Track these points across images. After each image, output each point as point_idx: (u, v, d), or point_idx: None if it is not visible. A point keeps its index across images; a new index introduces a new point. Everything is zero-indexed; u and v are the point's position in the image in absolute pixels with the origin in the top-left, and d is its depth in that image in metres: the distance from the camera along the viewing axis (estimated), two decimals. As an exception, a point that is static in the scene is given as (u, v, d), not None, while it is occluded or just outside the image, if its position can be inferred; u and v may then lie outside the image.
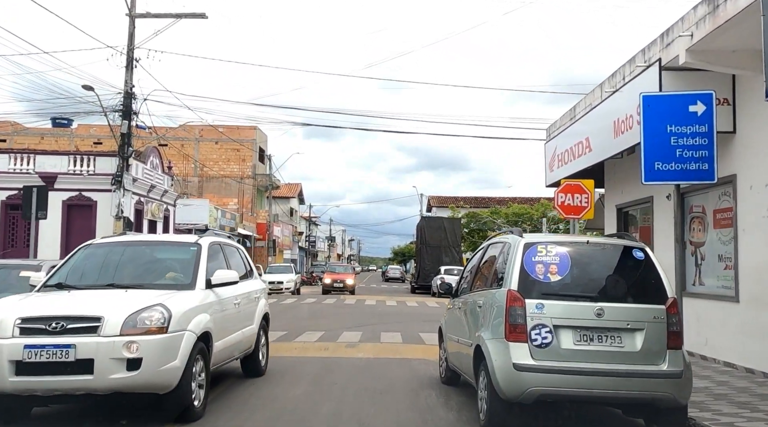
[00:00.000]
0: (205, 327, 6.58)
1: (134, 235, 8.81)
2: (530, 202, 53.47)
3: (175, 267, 7.31)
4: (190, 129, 47.09)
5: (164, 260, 7.57)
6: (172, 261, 7.47)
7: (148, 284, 6.85)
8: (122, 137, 21.64)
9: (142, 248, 7.77)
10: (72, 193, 22.27)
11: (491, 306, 6.25)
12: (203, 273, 7.05)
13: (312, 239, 77.82)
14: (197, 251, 7.29)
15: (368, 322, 18.58)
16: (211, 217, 31.28)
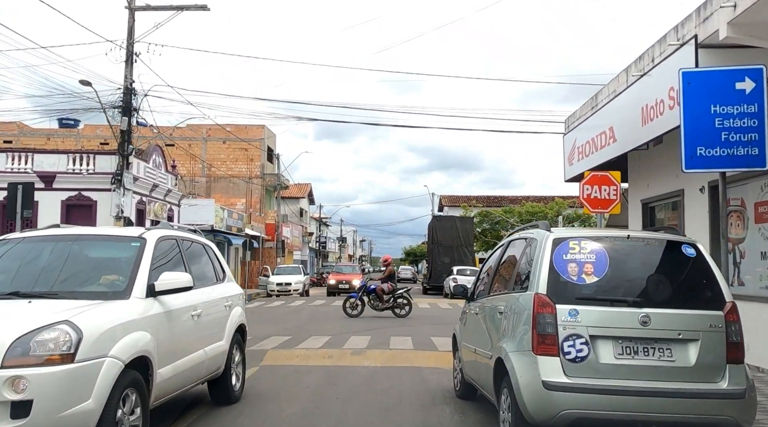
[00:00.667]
0: (141, 350, 4.92)
1: (65, 228, 6.66)
2: (544, 201, 52.37)
3: (109, 269, 5.66)
4: (197, 129, 46.46)
5: (97, 260, 5.88)
6: (107, 261, 5.82)
7: (65, 292, 5.15)
8: (122, 134, 20.90)
9: (69, 244, 5.90)
10: (71, 192, 21.56)
11: (515, 313, 5.35)
12: (144, 277, 5.38)
13: (322, 240, 77.04)
14: (139, 249, 5.63)
15: (378, 325, 17.70)
16: (217, 217, 30.51)
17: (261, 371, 9.62)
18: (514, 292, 5.57)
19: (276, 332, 15.70)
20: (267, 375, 9.27)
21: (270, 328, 16.82)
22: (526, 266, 5.56)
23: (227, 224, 32.57)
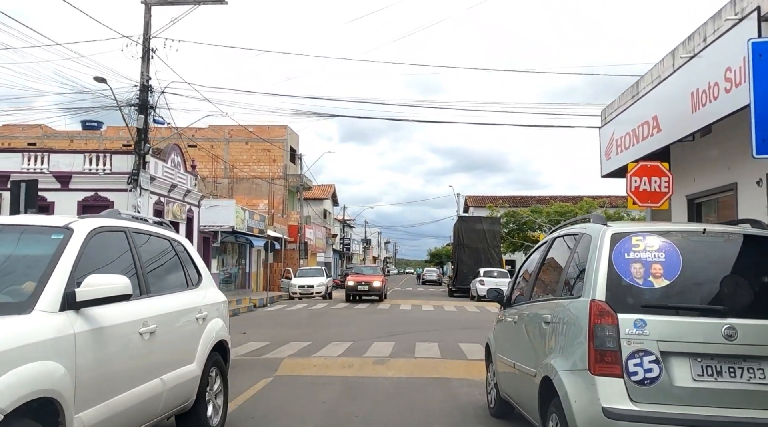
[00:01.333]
0: (41, 390, 3.36)
1: None
2: (572, 201, 51.06)
3: (17, 271, 4.03)
4: (220, 130, 46.07)
5: (8, 257, 4.13)
6: (17, 260, 4.14)
7: None
8: (138, 133, 20.31)
9: None
10: (88, 193, 21.04)
11: (565, 323, 4.47)
12: (58, 282, 3.82)
13: (346, 242, 76.35)
14: (61, 243, 4.10)
15: (402, 330, 16.85)
16: (238, 218, 29.90)
17: (274, 382, 8.82)
18: (563, 298, 4.68)
19: (295, 337, 14.93)
20: (280, 387, 8.47)
21: (289, 332, 16.06)
22: (576, 267, 4.68)
23: (248, 226, 31.96)
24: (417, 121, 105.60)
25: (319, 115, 20.87)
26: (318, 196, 63.55)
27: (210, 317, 5.78)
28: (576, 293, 4.46)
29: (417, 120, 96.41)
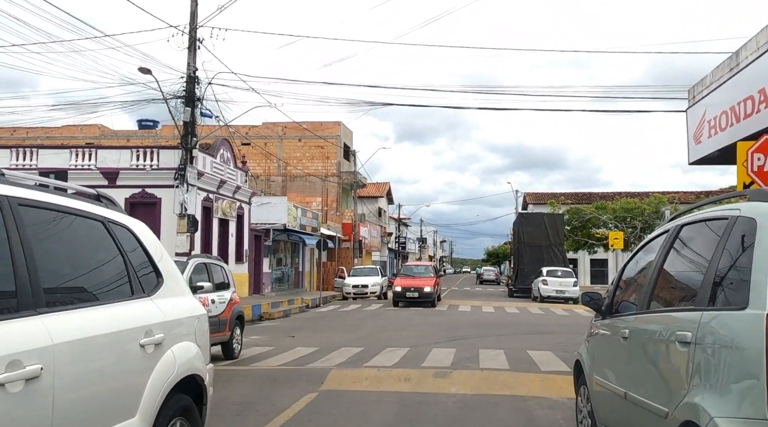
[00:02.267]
0: None
1: None
2: (639, 197, 48.43)
3: None
4: (273, 127, 45.53)
5: None
6: None
7: None
8: (185, 126, 19.53)
9: None
10: (135, 189, 20.42)
11: (719, 346, 3.07)
12: None
13: (402, 241, 75.14)
14: None
15: (463, 334, 15.48)
16: (290, 216, 29.02)
17: (319, 399, 7.62)
18: (710, 309, 3.28)
19: (347, 342, 13.77)
20: (325, 406, 7.26)
21: (341, 337, 14.91)
22: (730, 265, 3.27)
23: (301, 224, 31.08)
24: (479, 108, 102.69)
25: (372, 103, 19.66)
26: (373, 194, 62.55)
27: (171, 341, 3.83)
28: (734, 303, 3.06)
29: (479, 107, 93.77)
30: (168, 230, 19.78)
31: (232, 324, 10.90)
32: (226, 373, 9.50)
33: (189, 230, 19.63)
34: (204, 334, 4.48)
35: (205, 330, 4.51)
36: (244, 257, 25.22)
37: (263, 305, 20.85)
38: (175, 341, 3.92)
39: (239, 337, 11.39)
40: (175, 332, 3.95)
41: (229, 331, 10.85)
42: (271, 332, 15.71)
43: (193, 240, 20.31)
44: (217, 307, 10.35)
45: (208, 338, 4.59)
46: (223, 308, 10.61)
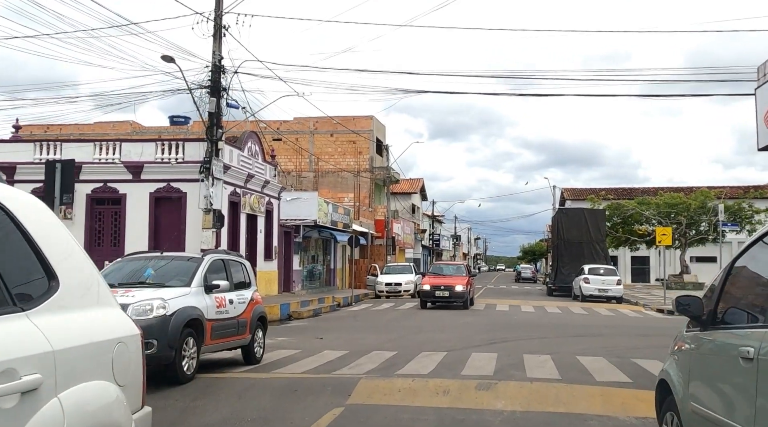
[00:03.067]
0: None
1: None
2: (684, 192, 46.46)
3: None
4: (305, 122, 44.79)
5: None
6: None
7: None
8: (210, 117, 18.75)
9: None
10: (160, 184, 19.71)
11: None
12: None
13: (436, 238, 73.95)
14: None
15: (503, 336, 14.36)
16: (321, 211, 28.15)
17: (345, 415, 6.62)
18: None
19: (378, 345, 12.78)
20: (352, 424, 6.26)
21: (372, 338, 13.92)
22: None
23: (332, 220, 30.19)
24: (519, 94, 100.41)
25: (405, 91, 18.66)
26: (406, 191, 61.48)
27: (61, 383, 2.49)
28: None
29: (519, 94, 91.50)
30: (193, 225, 19.04)
31: (252, 326, 9.99)
32: (244, 382, 8.57)
33: (215, 225, 18.86)
34: (133, 365, 3.09)
35: (133, 360, 3.10)
36: (273, 254, 24.42)
37: (292, 304, 19.98)
38: (70, 383, 2.55)
39: (261, 340, 10.47)
40: (71, 368, 2.58)
41: (250, 334, 9.94)
42: (298, 332, 14.80)
43: (219, 236, 19.53)
44: (235, 307, 9.44)
45: (141, 370, 3.19)
46: (242, 308, 9.70)
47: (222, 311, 8.95)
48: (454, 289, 22.43)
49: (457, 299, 22.52)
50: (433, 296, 22.61)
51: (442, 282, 22.88)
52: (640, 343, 13.95)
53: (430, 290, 22.76)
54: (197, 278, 8.63)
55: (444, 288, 22.49)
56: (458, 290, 22.45)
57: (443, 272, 24.86)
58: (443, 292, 22.44)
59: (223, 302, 8.97)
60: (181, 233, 19.49)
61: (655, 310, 24.39)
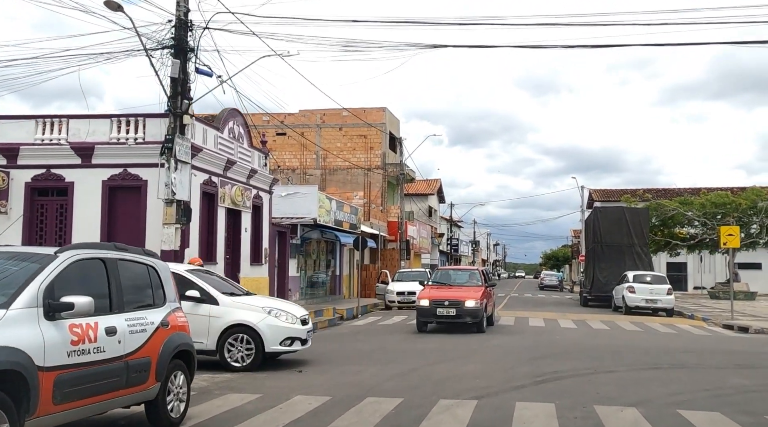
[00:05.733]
0: None
1: None
2: (731, 191, 41.91)
3: None
4: (311, 115, 41.06)
5: None
6: None
7: None
8: (173, 85, 14.96)
9: None
10: (115, 169, 15.91)
11: None
12: None
13: (454, 242, 69.81)
14: None
15: (553, 368, 10.31)
16: (323, 209, 24.22)
17: None
18: None
19: (378, 385, 8.85)
20: None
21: (372, 372, 9.93)
22: None
23: (336, 219, 26.23)
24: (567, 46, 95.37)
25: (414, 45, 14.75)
26: (422, 192, 57.51)
27: None
28: None
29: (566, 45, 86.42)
30: (157, 220, 15.24)
31: (162, 369, 6.07)
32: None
33: (179, 220, 15.03)
34: None
35: None
36: (262, 258, 20.53)
37: (278, 319, 16.01)
38: None
39: (182, 389, 6.52)
40: None
41: (157, 381, 6.01)
42: (271, 361, 10.87)
43: (187, 234, 15.69)
44: (123, 341, 5.53)
45: None
46: (141, 341, 5.79)
47: (83, 350, 5.03)
48: (464, 305, 16.11)
49: (469, 316, 16.18)
50: (434, 314, 16.32)
51: (447, 295, 16.56)
52: (747, 379, 9.89)
53: (429, 306, 16.36)
54: (27, 292, 4.72)
55: (449, 304, 16.20)
56: (469, 307, 16.11)
57: (451, 280, 18.61)
58: (448, 309, 16.15)
59: (85, 334, 5.05)
60: (140, 230, 15.68)
61: (721, 326, 20.17)
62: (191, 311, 9.74)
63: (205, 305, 10.25)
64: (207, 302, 10.28)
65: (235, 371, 10.03)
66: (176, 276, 10.07)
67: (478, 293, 16.64)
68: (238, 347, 10.25)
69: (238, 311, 10.38)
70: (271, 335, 10.30)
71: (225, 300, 10.44)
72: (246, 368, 10.13)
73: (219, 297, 10.43)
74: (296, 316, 10.82)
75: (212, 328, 10.20)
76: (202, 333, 9.96)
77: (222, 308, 10.30)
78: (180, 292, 9.80)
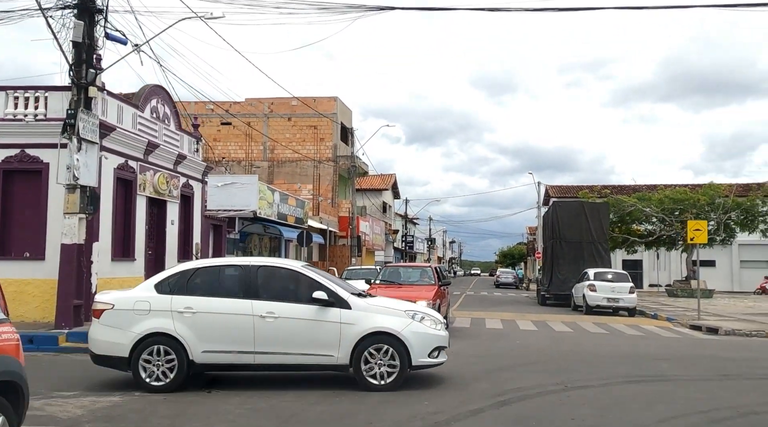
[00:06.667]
0: None
1: None
2: (690, 187, 41.20)
3: None
4: (258, 104, 38.90)
5: None
6: None
7: None
8: (76, 50, 12.80)
9: None
10: (11, 150, 13.68)
11: None
12: None
13: (409, 240, 68.27)
14: None
15: (515, 384, 8.58)
16: (264, 201, 22.20)
17: None
18: None
19: (300, 410, 7.00)
20: None
21: (292, 396, 8.02)
22: None
23: (280, 212, 24.22)
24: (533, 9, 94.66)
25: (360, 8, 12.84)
26: (377, 187, 55.78)
27: None
28: None
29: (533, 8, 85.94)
30: (57, 207, 13.07)
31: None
32: None
33: (85, 210, 12.89)
34: None
35: None
36: (193, 254, 18.44)
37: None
38: None
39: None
40: None
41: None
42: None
43: (95, 225, 13.56)
44: None
45: None
46: None
47: None
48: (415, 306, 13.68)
49: None
50: None
51: (395, 295, 13.51)
52: (743, 395, 8.39)
53: None
54: None
55: None
56: (421, 307, 13.63)
57: (401, 278, 16.75)
58: None
59: None
60: (40, 221, 13.51)
61: (688, 326, 18.91)
62: (317, 317, 8.20)
63: (333, 308, 8.26)
64: (336, 306, 8.28)
65: (377, 391, 8.08)
66: (294, 274, 8.62)
67: (430, 293, 14.89)
68: (379, 360, 8.22)
69: (376, 315, 8.35)
70: (418, 345, 8.31)
71: (358, 302, 8.42)
72: (387, 388, 8.14)
73: (350, 299, 8.40)
74: (439, 319, 8.90)
75: (345, 337, 8.19)
76: (331, 344, 8.17)
77: (355, 313, 8.29)
78: (302, 293, 8.33)
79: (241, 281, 8.41)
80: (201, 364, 8.20)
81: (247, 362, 8.24)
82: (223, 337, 8.14)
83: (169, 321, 8.14)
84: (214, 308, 8.22)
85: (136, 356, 8.06)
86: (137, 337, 8.08)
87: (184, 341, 8.07)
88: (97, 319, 8.34)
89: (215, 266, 9.01)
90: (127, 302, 8.30)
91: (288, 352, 8.18)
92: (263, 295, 8.28)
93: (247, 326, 8.11)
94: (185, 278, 8.50)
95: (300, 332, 8.17)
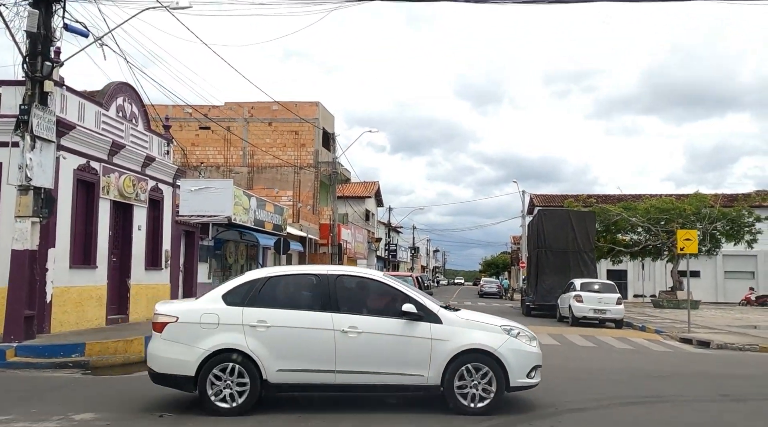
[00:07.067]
0: None
1: None
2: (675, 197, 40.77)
3: None
4: (238, 108, 37.98)
5: None
6: None
7: None
8: (31, 41, 11.88)
9: None
10: (-41, 150, 12.68)
11: None
12: None
13: (393, 248, 67.42)
14: None
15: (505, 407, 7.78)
16: (239, 207, 21.28)
17: None
18: None
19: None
20: None
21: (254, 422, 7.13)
22: None
23: (257, 218, 23.30)
24: None
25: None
26: (359, 194, 54.97)
27: None
28: None
29: None
30: (9, 209, 12.10)
31: None
32: None
33: (39, 213, 11.92)
34: None
35: None
36: (162, 262, 17.48)
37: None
38: None
39: None
40: None
41: None
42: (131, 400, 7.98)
43: (51, 230, 12.60)
44: None
45: None
46: None
47: None
48: None
49: None
50: None
51: None
52: (753, 422, 7.62)
53: None
54: None
55: None
56: None
57: None
58: None
59: None
60: (-9, 225, 12.50)
61: (678, 339, 18.25)
62: (405, 333, 7.40)
63: (423, 323, 7.44)
64: (424, 320, 7.45)
65: (471, 414, 7.29)
66: (376, 284, 7.92)
67: None
68: (474, 380, 7.43)
69: (470, 331, 7.56)
70: (516, 365, 7.53)
71: (448, 316, 7.61)
72: (480, 411, 7.36)
73: (440, 313, 7.57)
74: (532, 334, 8.02)
75: (436, 355, 7.38)
76: (421, 362, 7.38)
77: (447, 328, 7.49)
78: (386, 305, 7.65)
79: (318, 292, 7.55)
80: (275, 384, 7.26)
81: (327, 382, 7.28)
82: (301, 354, 7.24)
83: (240, 336, 7.22)
84: (291, 321, 7.31)
85: (203, 375, 7.14)
86: (205, 353, 7.15)
87: (257, 359, 7.16)
88: (158, 333, 7.34)
89: (288, 274, 8.10)
90: (194, 315, 7.35)
91: (373, 371, 7.28)
92: (343, 307, 7.43)
93: (328, 342, 7.23)
94: (255, 288, 7.54)
95: (387, 349, 7.31)
